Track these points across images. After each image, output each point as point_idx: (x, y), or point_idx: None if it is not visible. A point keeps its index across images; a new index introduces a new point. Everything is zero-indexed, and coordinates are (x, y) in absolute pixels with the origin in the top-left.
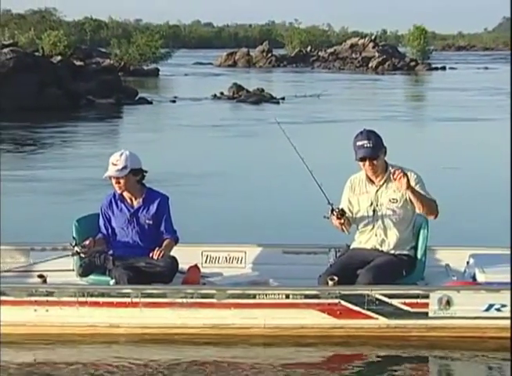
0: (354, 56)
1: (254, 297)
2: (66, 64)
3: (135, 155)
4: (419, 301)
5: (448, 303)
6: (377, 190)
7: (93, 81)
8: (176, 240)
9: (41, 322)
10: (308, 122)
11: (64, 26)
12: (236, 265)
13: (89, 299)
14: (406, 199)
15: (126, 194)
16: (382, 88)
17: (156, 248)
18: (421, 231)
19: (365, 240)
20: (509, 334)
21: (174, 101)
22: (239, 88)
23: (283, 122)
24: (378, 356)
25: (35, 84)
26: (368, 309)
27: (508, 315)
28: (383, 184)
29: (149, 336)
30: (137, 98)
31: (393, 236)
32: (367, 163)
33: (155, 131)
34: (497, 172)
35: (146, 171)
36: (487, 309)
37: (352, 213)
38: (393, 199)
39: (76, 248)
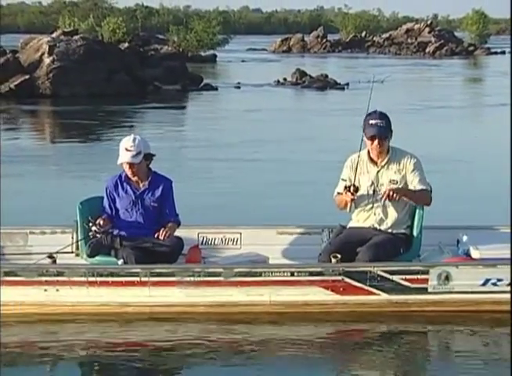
0: (409, 41)
1: (260, 275)
2: (133, 51)
3: (145, 140)
4: (419, 277)
5: (447, 278)
6: (378, 171)
7: (159, 67)
8: (178, 224)
9: (51, 301)
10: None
11: (116, 13)
12: (232, 246)
13: (99, 279)
14: (406, 181)
15: (133, 177)
16: (445, 73)
17: (162, 229)
18: (417, 211)
19: (363, 218)
20: (505, 308)
21: (238, 87)
22: (302, 73)
23: (355, 109)
24: (380, 331)
25: (104, 71)
26: (370, 286)
27: (504, 289)
28: (384, 165)
29: (157, 314)
30: (202, 84)
31: (391, 215)
32: (376, 142)
33: (232, 117)
34: None
35: (154, 155)
36: (484, 284)
37: None
38: (393, 180)
39: (94, 228)
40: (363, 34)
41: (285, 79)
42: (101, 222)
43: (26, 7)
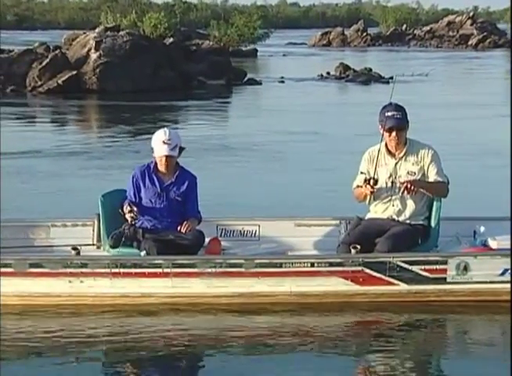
0: (451, 33)
1: (281, 266)
2: (177, 46)
3: (177, 133)
4: (437, 267)
5: (466, 268)
6: (396, 163)
7: (204, 62)
8: (199, 220)
9: (75, 293)
10: (429, 106)
11: (155, 8)
12: (251, 238)
13: (122, 270)
14: (424, 172)
15: (165, 170)
16: (489, 65)
17: (184, 222)
18: (434, 202)
19: (381, 210)
20: None
21: (282, 81)
22: (346, 67)
23: (403, 101)
24: (399, 321)
25: (150, 66)
26: (389, 276)
27: None
28: (402, 157)
29: (179, 305)
30: (246, 79)
31: (410, 206)
32: (394, 133)
33: (280, 111)
34: None
35: (184, 148)
36: (502, 274)
37: None
38: (411, 171)
39: (131, 215)
40: (404, 27)
41: (328, 73)
42: (134, 209)
43: (66, 3)
